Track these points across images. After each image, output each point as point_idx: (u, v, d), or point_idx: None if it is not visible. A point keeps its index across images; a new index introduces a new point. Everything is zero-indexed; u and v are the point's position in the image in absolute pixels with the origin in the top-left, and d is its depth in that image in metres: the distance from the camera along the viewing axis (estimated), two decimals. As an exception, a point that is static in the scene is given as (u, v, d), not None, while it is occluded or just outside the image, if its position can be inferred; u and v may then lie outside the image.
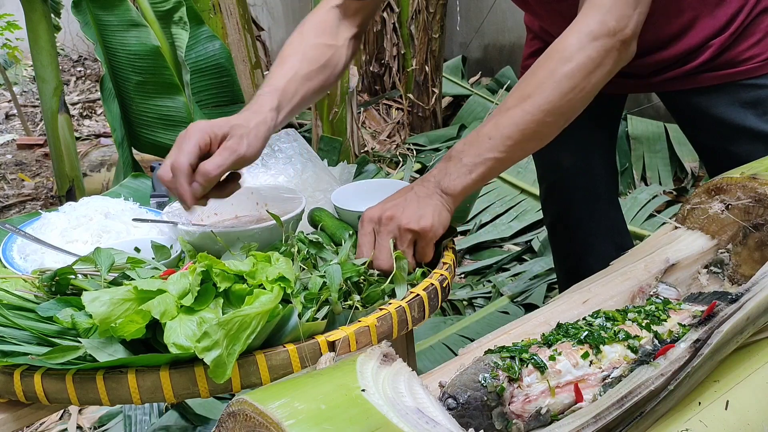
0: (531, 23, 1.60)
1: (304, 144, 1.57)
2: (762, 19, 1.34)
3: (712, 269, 1.12)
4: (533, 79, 1.11)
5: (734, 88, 1.36)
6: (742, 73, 1.35)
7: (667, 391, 0.74)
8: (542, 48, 1.53)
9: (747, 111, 1.35)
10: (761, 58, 1.34)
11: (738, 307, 0.82)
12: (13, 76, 5.71)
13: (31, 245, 1.22)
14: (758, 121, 1.35)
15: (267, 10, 5.73)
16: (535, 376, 0.80)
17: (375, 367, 0.75)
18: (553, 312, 1.01)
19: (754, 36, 1.34)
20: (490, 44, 4.26)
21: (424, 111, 4.13)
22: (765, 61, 1.35)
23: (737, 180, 1.09)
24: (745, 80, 1.35)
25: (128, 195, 1.48)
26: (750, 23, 1.34)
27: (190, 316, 0.90)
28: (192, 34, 2.44)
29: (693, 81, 1.39)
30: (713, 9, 1.32)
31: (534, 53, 1.56)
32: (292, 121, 4.41)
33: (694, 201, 1.16)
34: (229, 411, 0.70)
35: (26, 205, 3.79)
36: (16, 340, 0.93)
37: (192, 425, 1.89)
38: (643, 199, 3.02)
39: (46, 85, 2.73)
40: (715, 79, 1.36)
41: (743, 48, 1.34)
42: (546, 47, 1.31)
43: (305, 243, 1.11)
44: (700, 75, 1.37)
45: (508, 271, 2.73)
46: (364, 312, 1.01)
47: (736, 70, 1.35)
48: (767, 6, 1.34)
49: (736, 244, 1.11)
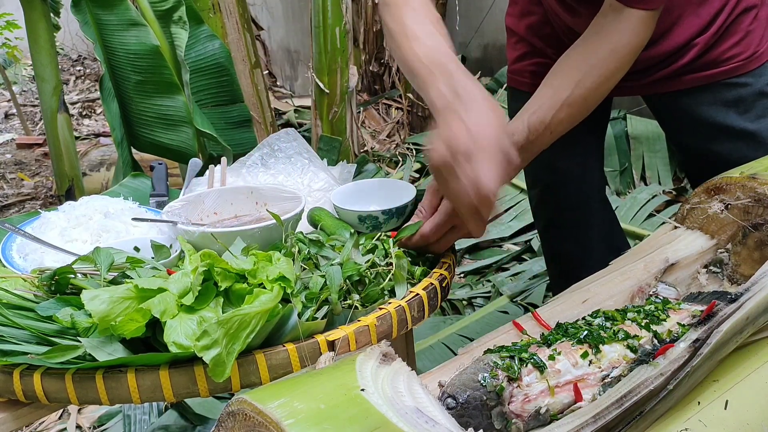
0: (515, 26, 1.57)
1: (303, 143, 1.57)
2: (743, 19, 1.35)
3: (711, 269, 1.12)
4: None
5: (717, 87, 1.37)
6: (724, 73, 1.36)
7: (666, 390, 0.75)
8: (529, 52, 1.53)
9: (729, 110, 1.36)
10: (742, 57, 1.35)
11: (737, 306, 0.82)
12: (13, 76, 5.70)
13: (30, 245, 1.22)
14: (740, 120, 1.36)
15: (266, 10, 5.73)
16: (534, 376, 0.80)
17: (374, 367, 0.75)
18: (553, 311, 1.01)
19: (735, 35, 1.35)
20: (490, 44, 4.25)
21: (423, 110, 4.13)
22: (746, 60, 1.36)
23: (737, 180, 1.09)
24: (727, 80, 1.36)
25: (128, 194, 1.48)
26: (732, 23, 1.35)
27: (191, 315, 0.90)
28: (191, 33, 2.44)
29: (677, 83, 1.40)
30: (697, 8, 1.33)
31: (521, 57, 1.55)
32: (292, 120, 4.41)
33: (693, 201, 1.16)
34: (229, 410, 0.70)
35: (25, 205, 3.79)
36: (16, 339, 0.93)
37: (191, 425, 1.89)
38: (642, 199, 3.01)
39: (45, 85, 2.73)
40: (698, 80, 1.37)
41: (725, 47, 1.35)
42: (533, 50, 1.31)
43: (305, 243, 1.11)
44: (684, 76, 1.38)
45: (507, 270, 2.73)
46: (363, 311, 1.01)
47: (718, 70, 1.36)
48: (747, 6, 1.35)
49: (735, 243, 1.11)
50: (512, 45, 1.60)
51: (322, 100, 3.32)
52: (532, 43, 1.53)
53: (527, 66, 1.55)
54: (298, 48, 5.47)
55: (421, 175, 3.62)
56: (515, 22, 1.57)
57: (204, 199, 1.32)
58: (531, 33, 1.53)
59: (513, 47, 1.59)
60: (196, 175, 1.55)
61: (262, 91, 3.35)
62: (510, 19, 1.59)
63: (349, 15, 3.27)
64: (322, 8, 3.14)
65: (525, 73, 1.55)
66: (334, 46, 3.21)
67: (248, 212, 1.32)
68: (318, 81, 3.27)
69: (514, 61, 1.60)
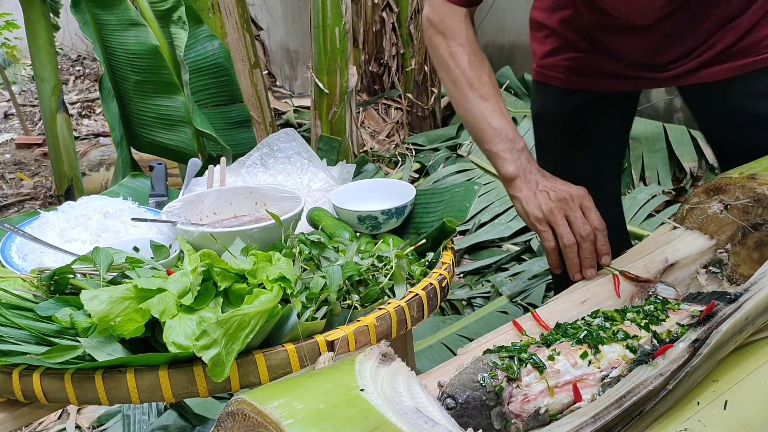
0: (546, 19, 1.51)
1: (303, 144, 1.57)
2: None
3: (710, 269, 1.12)
4: None
5: (753, 76, 1.34)
6: (761, 61, 1.33)
7: (665, 390, 0.75)
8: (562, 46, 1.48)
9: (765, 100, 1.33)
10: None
11: (737, 307, 0.82)
12: (12, 76, 5.71)
13: (29, 245, 1.22)
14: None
15: (266, 10, 5.73)
16: (533, 376, 0.80)
17: (374, 367, 0.75)
18: (552, 312, 1.01)
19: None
20: (490, 44, 4.25)
21: (423, 111, 4.13)
22: None
23: (736, 180, 1.09)
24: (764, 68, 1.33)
25: (127, 194, 1.48)
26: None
27: (190, 315, 0.90)
28: (191, 33, 2.44)
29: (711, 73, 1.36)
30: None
31: (553, 52, 1.50)
32: (291, 120, 4.41)
33: (693, 201, 1.16)
34: (228, 410, 0.70)
35: (25, 205, 3.79)
36: (15, 339, 0.93)
37: (191, 425, 1.88)
38: (642, 199, 3.01)
39: (44, 85, 2.72)
40: (733, 70, 1.34)
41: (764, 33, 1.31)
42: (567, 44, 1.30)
43: (306, 244, 1.11)
44: (718, 65, 1.35)
45: (506, 270, 2.73)
46: (363, 312, 1.01)
47: (755, 58, 1.33)
48: None
49: (734, 243, 1.11)
50: (540, 39, 1.54)
51: (321, 100, 3.32)
52: (565, 37, 1.47)
53: (561, 61, 1.49)
54: (297, 48, 5.47)
55: (420, 175, 3.62)
56: (545, 16, 1.51)
57: (203, 199, 1.32)
58: (565, 26, 1.47)
59: (541, 41, 1.53)
60: (195, 175, 1.55)
61: (262, 91, 3.35)
62: (538, 13, 1.53)
63: (349, 15, 3.27)
64: (322, 8, 3.14)
65: (558, 68, 1.50)
66: (334, 46, 3.21)
67: (248, 212, 1.32)
68: (317, 81, 3.27)
69: (544, 55, 1.53)
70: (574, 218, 1.15)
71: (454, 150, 3.73)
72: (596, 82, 1.45)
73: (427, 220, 1.37)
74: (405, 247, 1.16)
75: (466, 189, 1.41)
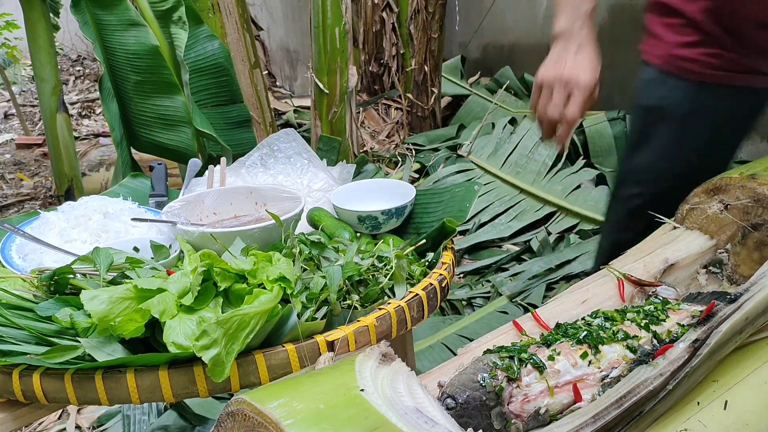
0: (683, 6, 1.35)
1: (303, 144, 1.57)
2: None
3: (710, 269, 1.12)
4: None
5: None
6: None
7: (665, 391, 0.75)
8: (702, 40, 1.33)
9: None
10: None
11: (737, 307, 0.82)
12: (12, 76, 5.70)
13: (29, 245, 1.22)
14: None
15: (266, 10, 5.73)
16: (533, 376, 0.80)
17: (374, 367, 0.75)
18: (552, 312, 1.01)
19: None
20: (490, 44, 4.25)
21: (423, 111, 4.13)
22: None
23: (736, 180, 1.09)
24: None
25: (127, 194, 1.48)
26: None
27: (190, 315, 0.90)
28: (191, 33, 2.44)
29: None
30: None
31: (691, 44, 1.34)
32: (291, 120, 4.41)
33: (693, 201, 1.16)
34: (228, 411, 0.70)
35: (25, 205, 3.79)
36: (15, 339, 0.93)
37: (191, 425, 1.88)
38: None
39: (44, 85, 2.72)
40: None
41: None
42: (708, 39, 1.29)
43: (306, 244, 1.11)
44: None
45: (506, 270, 2.73)
46: (363, 312, 1.01)
47: None
48: None
49: (734, 244, 1.11)
50: (675, 27, 1.37)
51: (321, 101, 3.31)
52: (707, 31, 1.32)
53: (700, 55, 1.34)
54: (297, 48, 5.47)
55: (420, 176, 3.62)
56: (683, 3, 1.35)
57: (203, 199, 1.32)
58: (709, 19, 1.32)
59: (676, 30, 1.37)
60: (195, 175, 1.55)
61: (262, 91, 3.35)
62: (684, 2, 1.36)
63: (349, 15, 3.27)
64: (322, 8, 3.14)
65: (696, 62, 1.35)
66: (334, 46, 3.20)
67: (248, 212, 1.32)
68: (317, 81, 3.27)
69: (680, 45, 1.37)
70: (554, 100, 1.24)
71: (454, 150, 3.73)
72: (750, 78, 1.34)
73: (427, 220, 1.37)
74: (405, 247, 1.16)
75: (466, 189, 1.41)
